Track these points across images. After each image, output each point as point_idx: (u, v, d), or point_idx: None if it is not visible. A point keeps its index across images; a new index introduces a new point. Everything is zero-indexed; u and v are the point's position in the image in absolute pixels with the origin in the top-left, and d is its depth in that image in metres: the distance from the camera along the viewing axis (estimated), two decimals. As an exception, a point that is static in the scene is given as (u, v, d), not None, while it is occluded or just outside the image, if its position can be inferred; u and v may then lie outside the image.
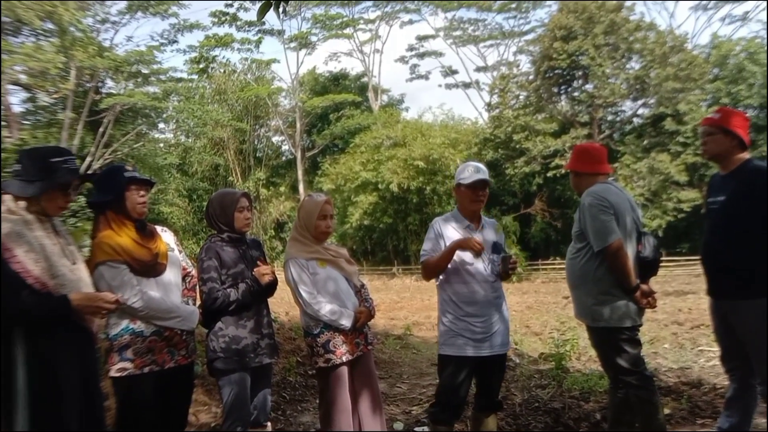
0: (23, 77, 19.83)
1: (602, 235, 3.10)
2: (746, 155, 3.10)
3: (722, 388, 4.57)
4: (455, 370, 3.17)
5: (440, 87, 56.33)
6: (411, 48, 47.11)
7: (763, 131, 30.97)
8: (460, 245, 3.10)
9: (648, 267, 3.26)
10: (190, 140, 33.19)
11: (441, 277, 3.27)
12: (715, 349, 6.91)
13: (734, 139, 3.06)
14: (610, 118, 33.06)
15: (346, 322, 3.11)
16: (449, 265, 3.20)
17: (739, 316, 3.03)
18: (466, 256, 3.19)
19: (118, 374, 2.75)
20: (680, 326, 9.52)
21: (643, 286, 3.19)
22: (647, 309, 3.26)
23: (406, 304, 15.79)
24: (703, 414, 4.15)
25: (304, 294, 3.10)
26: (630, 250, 3.17)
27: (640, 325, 3.25)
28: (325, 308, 3.08)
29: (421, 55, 47.25)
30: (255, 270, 3.09)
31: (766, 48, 30.15)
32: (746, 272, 2.97)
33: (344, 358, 3.11)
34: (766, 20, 27.40)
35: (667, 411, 4.09)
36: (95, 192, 2.87)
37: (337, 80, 46.01)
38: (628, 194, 3.35)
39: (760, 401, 3.20)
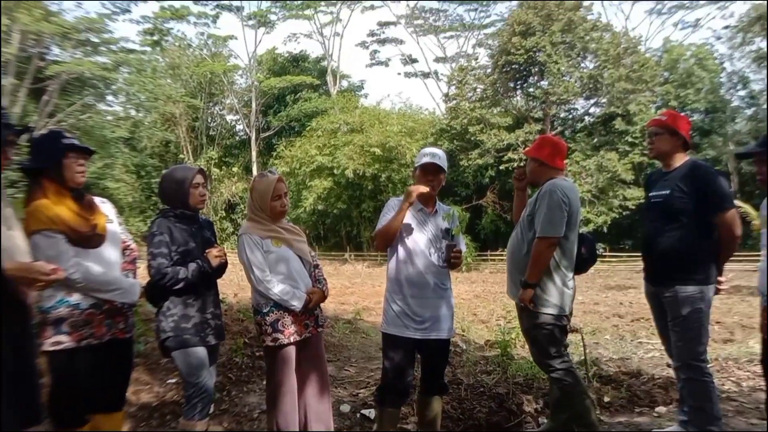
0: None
1: (548, 227, 3.21)
2: (687, 155, 3.45)
3: (660, 378, 4.75)
4: (395, 349, 3.19)
5: (399, 75, 56.52)
6: (372, 33, 46.93)
7: (707, 135, 32.34)
8: (410, 195, 3.08)
9: (584, 264, 3.43)
10: (140, 114, 32.07)
11: (391, 258, 3.26)
12: (654, 341, 7.20)
13: (679, 139, 3.41)
14: (563, 115, 33.82)
15: (297, 303, 3.06)
16: (400, 248, 3.19)
17: (672, 300, 3.31)
18: (419, 240, 3.19)
19: (52, 348, 2.63)
20: (621, 319, 9.86)
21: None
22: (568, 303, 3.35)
23: (357, 290, 15.80)
24: (641, 403, 4.31)
25: (255, 271, 3.04)
26: (571, 245, 3.31)
27: (569, 315, 3.36)
28: (277, 287, 3.02)
29: (382, 42, 47.12)
30: (207, 251, 3.00)
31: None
32: (683, 261, 3.28)
33: (292, 339, 3.07)
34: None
35: (606, 399, 4.24)
36: (31, 157, 2.71)
37: (297, 62, 45.31)
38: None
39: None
